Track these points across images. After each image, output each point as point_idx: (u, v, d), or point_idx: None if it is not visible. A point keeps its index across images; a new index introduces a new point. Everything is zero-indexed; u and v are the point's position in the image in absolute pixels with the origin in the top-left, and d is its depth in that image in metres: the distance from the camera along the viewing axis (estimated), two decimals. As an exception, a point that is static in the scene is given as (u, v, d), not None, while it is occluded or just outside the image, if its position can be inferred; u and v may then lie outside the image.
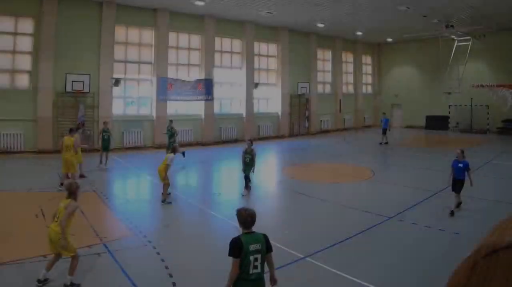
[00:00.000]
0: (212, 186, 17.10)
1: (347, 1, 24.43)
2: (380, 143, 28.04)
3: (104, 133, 19.02)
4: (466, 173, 11.74)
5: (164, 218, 11.58)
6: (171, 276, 7.63)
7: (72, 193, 7.37)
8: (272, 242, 5.47)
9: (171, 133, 21.69)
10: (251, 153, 14.15)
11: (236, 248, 5.09)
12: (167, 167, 12.82)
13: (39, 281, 7.12)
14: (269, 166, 15.09)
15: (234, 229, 10.40)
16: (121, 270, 7.76)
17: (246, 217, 5.28)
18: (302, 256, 8.64)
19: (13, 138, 21.62)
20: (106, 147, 18.89)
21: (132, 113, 26.25)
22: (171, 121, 22.59)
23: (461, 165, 11.78)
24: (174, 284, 7.32)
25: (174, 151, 13.41)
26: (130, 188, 16.48)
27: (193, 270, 8.08)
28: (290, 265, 8.13)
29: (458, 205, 11.91)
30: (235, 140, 29.92)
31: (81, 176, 16.15)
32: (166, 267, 8.00)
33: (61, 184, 14.28)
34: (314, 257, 8.58)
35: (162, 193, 13.01)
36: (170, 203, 12.74)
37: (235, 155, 24.28)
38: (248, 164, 14.10)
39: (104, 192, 14.28)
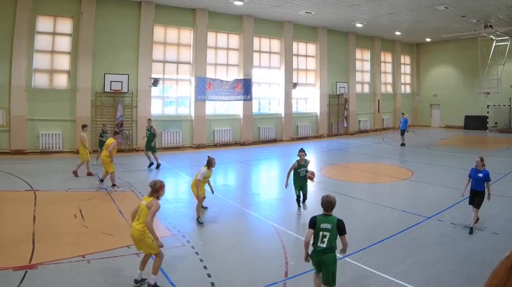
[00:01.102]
0: (250, 186, 17.06)
1: (386, 1, 24.09)
2: (403, 144, 27.64)
3: (104, 134, 19.49)
4: (485, 183, 10.49)
5: (203, 218, 11.58)
6: (209, 276, 7.67)
7: (155, 191, 7.32)
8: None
9: (151, 135, 19.10)
10: (306, 164, 12.11)
11: (311, 221, 6.52)
12: (197, 182, 11.34)
13: (136, 281, 7.24)
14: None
15: (273, 229, 10.49)
16: (160, 270, 7.82)
17: (324, 202, 6.59)
18: (340, 256, 8.61)
19: (52, 138, 22.09)
20: None
21: (171, 113, 26.54)
22: (150, 120, 20.35)
23: (480, 175, 10.48)
24: (212, 284, 7.35)
25: (209, 164, 11.54)
26: (169, 188, 16.54)
27: (231, 270, 8.09)
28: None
29: (476, 221, 10.64)
30: (274, 140, 30.05)
31: (89, 174, 17.04)
32: (205, 267, 8.05)
33: (101, 181, 14.97)
34: (353, 257, 8.49)
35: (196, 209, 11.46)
36: (201, 223, 11.06)
37: (274, 155, 24.50)
38: (305, 179, 12.07)
39: (143, 192, 14.25)
